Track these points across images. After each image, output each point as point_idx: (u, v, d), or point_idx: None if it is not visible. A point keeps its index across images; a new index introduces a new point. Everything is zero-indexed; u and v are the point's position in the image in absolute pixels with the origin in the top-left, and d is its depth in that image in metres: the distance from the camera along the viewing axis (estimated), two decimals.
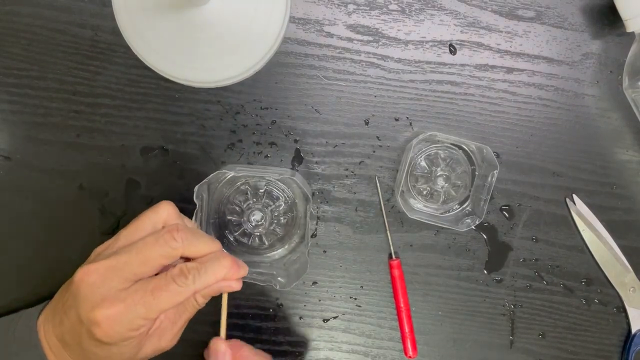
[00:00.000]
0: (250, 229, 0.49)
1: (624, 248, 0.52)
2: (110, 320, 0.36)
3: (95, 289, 0.37)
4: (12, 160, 0.49)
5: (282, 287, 0.47)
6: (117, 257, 0.37)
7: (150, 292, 0.37)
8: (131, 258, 0.37)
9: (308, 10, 0.49)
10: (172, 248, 0.38)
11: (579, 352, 0.52)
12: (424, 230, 0.51)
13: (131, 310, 0.36)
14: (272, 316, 0.51)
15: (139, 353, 0.39)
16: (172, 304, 0.37)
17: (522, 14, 0.50)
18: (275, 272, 0.48)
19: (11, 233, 0.50)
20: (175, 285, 0.37)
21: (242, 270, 0.40)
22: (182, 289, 0.37)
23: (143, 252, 0.38)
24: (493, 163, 0.48)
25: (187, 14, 0.43)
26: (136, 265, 0.37)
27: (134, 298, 0.36)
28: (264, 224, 0.49)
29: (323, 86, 0.50)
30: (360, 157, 0.51)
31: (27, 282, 0.50)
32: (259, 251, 0.50)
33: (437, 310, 0.52)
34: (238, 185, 0.49)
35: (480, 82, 0.50)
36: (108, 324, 0.36)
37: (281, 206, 0.50)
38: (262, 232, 0.50)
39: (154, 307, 0.37)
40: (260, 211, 0.49)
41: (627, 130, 0.52)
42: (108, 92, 0.49)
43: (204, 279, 0.38)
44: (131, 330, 0.37)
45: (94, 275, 0.37)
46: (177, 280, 0.37)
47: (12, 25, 0.48)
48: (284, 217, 0.50)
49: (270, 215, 0.49)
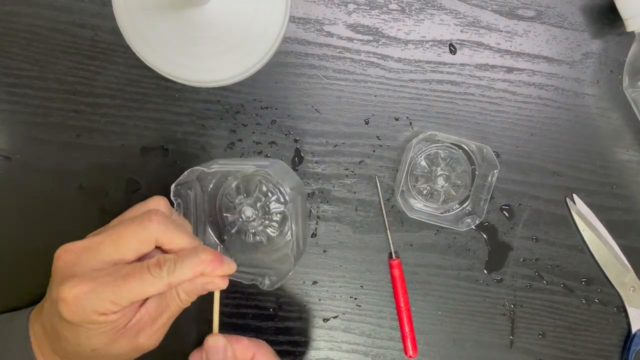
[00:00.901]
0: (244, 226, 0.49)
1: (624, 248, 0.52)
2: (75, 298, 0.35)
3: (70, 266, 0.36)
4: (12, 160, 0.49)
5: (267, 287, 0.45)
6: (94, 238, 0.37)
7: (122, 277, 0.35)
8: (106, 239, 0.37)
9: (308, 9, 0.49)
10: (146, 229, 0.37)
11: (579, 352, 0.52)
12: (424, 229, 0.51)
13: (99, 291, 0.35)
14: (272, 316, 0.51)
15: (114, 347, 0.37)
16: (144, 293, 0.36)
17: (522, 13, 0.50)
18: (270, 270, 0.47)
19: (11, 233, 0.50)
20: (149, 275, 0.36)
21: (226, 266, 0.39)
22: (155, 280, 0.36)
23: (117, 232, 0.37)
24: (493, 163, 0.48)
25: (187, 13, 0.43)
26: (110, 246, 0.36)
27: (104, 280, 0.35)
28: (256, 220, 0.48)
29: (323, 86, 0.50)
30: (360, 157, 0.51)
31: (27, 282, 0.50)
32: (258, 248, 0.50)
33: (437, 310, 0.52)
34: (230, 181, 0.49)
35: (480, 82, 0.50)
36: (73, 300, 0.35)
37: (273, 202, 0.49)
38: (256, 228, 0.49)
39: (124, 292, 0.35)
40: (252, 207, 0.48)
41: (627, 130, 0.52)
42: (108, 92, 0.49)
43: (179, 272, 0.36)
44: (97, 313, 0.35)
45: (70, 254, 0.37)
46: (151, 269, 0.36)
47: (12, 25, 0.48)
48: (277, 214, 0.49)
49: (262, 211, 0.48)
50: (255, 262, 0.49)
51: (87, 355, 0.38)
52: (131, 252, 0.37)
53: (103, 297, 0.35)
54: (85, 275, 0.35)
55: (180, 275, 0.36)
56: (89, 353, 0.38)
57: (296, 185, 0.47)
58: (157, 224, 0.37)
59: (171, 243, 0.38)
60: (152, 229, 0.37)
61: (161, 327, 0.39)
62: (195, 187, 0.47)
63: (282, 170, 0.47)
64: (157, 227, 0.37)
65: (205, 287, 0.39)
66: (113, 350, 0.38)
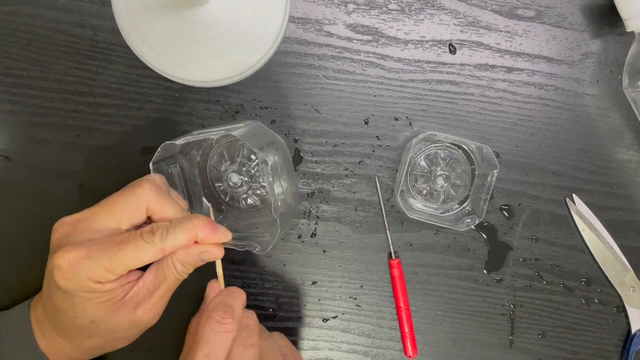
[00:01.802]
0: (234, 193, 0.48)
1: (624, 248, 0.52)
2: (69, 264, 0.35)
3: (65, 237, 0.37)
4: (12, 160, 0.50)
5: (259, 252, 0.44)
6: (88, 209, 0.38)
7: (116, 244, 0.36)
8: (100, 209, 0.38)
9: (308, 9, 0.49)
10: (136, 195, 0.37)
11: (579, 352, 0.52)
12: (423, 229, 0.51)
13: (93, 257, 0.35)
14: (272, 316, 0.51)
15: (112, 320, 0.38)
16: (137, 259, 0.36)
17: (522, 13, 0.50)
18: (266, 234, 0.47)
19: (11, 233, 0.50)
20: (142, 241, 0.36)
21: (221, 234, 0.38)
22: (148, 246, 0.36)
23: (110, 201, 0.38)
24: (493, 162, 0.48)
25: (187, 14, 0.43)
26: (104, 215, 0.37)
27: (98, 247, 0.36)
28: (244, 185, 0.48)
29: (323, 86, 0.50)
30: (359, 157, 0.51)
31: (27, 282, 0.50)
32: (255, 213, 0.49)
33: (437, 310, 0.52)
34: (215, 149, 0.49)
35: (480, 82, 0.50)
36: (67, 267, 0.35)
37: (256, 164, 0.48)
38: (247, 193, 0.49)
39: (117, 259, 0.35)
40: (237, 172, 0.48)
41: (627, 130, 0.52)
42: (108, 92, 0.49)
43: (172, 237, 0.37)
44: (91, 280, 0.35)
45: (66, 226, 0.37)
46: (144, 236, 0.36)
47: (12, 25, 0.48)
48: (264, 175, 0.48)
49: (247, 175, 0.48)
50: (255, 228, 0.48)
51: (86, 328, 0.38)
52: (125, 221, 0.38)
53: (97, 263, 0.35)
54: (80, 243, 0.36)
55: (173, 240, 0.37)
56: (88, 325, 0.38)
57: (271, 142, 0.46)
58: (148, 190, 0.38)
59: (162, 211, 0.38)
60: (143, 196, 0.38)
61: (159, 300, 0.39)
62: (181, 161, 0.47)
63: (254, 130, 0.46)
64: (149, 193, 0.38)
65: (201, 257, 0.39)
66: (112, 324, 0.38)
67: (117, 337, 0.40)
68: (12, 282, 0.50)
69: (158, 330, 0.42)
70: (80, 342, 0.40)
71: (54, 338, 0.40)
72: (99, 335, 0.39)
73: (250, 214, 0.49)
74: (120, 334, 0.39)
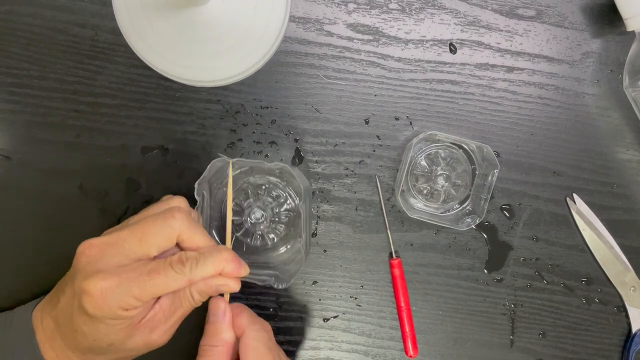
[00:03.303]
0: (251, 228, 0.49)
1: (624, 247, 0.52)
2: (102, 292, 0.35)
3: (94, 262, 0.37)
4: (12, 160, 0.49)
5: (281, 285, 0.46)
6: (117, 234, 0.38)
7: (147, 273, 0.36)
8: (130, 235, 0.37)
9: (308, 9, 0.49)
10: (170, 226, 0.38)
11: (579, 352, 0.52)
12: (424, 229, 0.51)
13: (124, 286, 0.35)
14: (272, 316, 0.51)
15: (128, 342, 0.38)
16: (166, 289, 0.37)
17: (522, 12, 0.50)
18: (278, 272, 0.48)
19: (11, 233, 0.50)
20: (172, 271, 0.37)
21: (243, 269, 0.40)
22: (179, 276, 0.37)
23: (141, 229, 0.38)
24: (493, 162, 0.48)
25: (187, 13, 0.43)
26: (134, 242, 0.37)
27: (129, 275, 0.36)
28: (264, 222, 0.49)
29: (323, 85, 0.50)
30: (360, 157, 0.51)
31: (27, 282, 0.50)
32: (262, 251, 0.50)
33: (438, 310, 0.52)
34: (239, 185, 0.49)
35: (481, 81, 0.50)
36: (99, 295, 0.35)
37: (282, 204, 0.50)
38: (263, 231, 0.49)
39: (148, 288, 0.36)
40: (261, 209, 0.49)
41: (628, 130, 0.52)
42: (108, 92, 0.49)
43: (201, 268, 0.37)
44: (121, 309, 0.36)
45: (94, 249, 0.37)
46: (174, 266, 0.37)
47: (12, 24, 0.48)
48: (285, 215, 0.50)
49: (270, 213, 0.49)
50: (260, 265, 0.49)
51: (103, 350, 0.39)
52: (154, 248, 0.38)
53: (128, 292, 0.36)
54: (111, 271, 0.36)
55: (202, 272, 0.38)
56: (105, 348, 0.38)
57: (306, 187, 0.48)
58: (180, 220, 0.38)
59: (192, 241, 0.39)
60: (176, 226, 0.38)
61: (173, 325, 0.40)
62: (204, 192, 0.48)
63: (294, 171, 0.48)
64: (181, 223, 0.38)
65: (219, 289, 0.39)
66: (128, 345, 0.39)
67: (129, 355, 0.41)
68: (12, 282, 0.50)
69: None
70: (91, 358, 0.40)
71: (63, 352, 0.40)
72: (113, 354, 0.40)
73: (256, 251, 0.50)
74: (133, 353, 0.40)
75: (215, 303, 0.41)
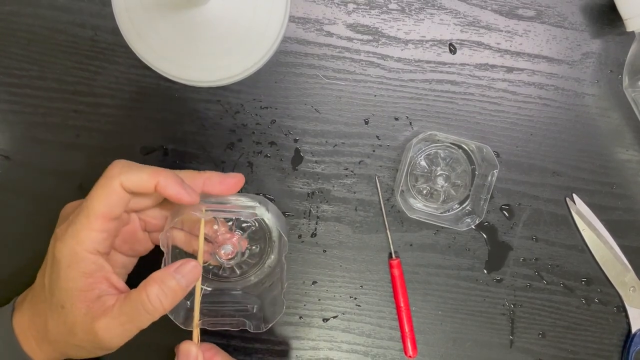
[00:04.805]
0: (221, 262, 0.47)
1: (624, 247, 0.52)
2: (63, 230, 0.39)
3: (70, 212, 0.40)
4: (12, 160, 0.50)
5: (257, 329, 0.44)
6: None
7: None
8: (87, 200, 0.39)
9: (308, 9, 0.49)
10: (108, 178, 0.38)
11: (579, 352, 0.52)
12: (423, 229, 0.51)
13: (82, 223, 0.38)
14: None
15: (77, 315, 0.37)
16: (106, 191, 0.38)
17: (522, 13, 0.50)
18: (249, 302, 0.46)
19: (11, 233, 0.50)
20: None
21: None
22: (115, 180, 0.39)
23: (91, 194, 0.39)
24: (493, 162, 0.48)
25: (187, 13, 0.43)
26: (93, 203, 0.38)
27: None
28: (236, 257, 0.47)
29: (323, 85, 0.50)
30: (360, 157, 0.51)
31: (27, 282, 0.50)
32: (231, 280, 0.49)
33: (437, 310, 0.52)
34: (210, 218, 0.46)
35: (480, 82, 0.50)
36: (62, 233, 0.39)
37: (252, 236, 0.48)
38: (233, 264, 0.48)
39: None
40: (230, 243, 0.46)
41: (627, 130, 0.52)
42: (108, 92, 0.49)
43: (136, 172, 0.39)
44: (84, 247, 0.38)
45: (70, 207, 0.43)
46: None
47: (12, 25, 0.48)
48: (255, 245, 0.48)
49: (240, 249, 0.47)
50: (234, 295, 0.48)
51: (57, 313, 0.38)
52: (108, 209, 0.38)
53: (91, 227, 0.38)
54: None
55: (134, 177, 0.38)
56: (59, 311, 0.38)
57: (283, 225, 0.45)
58: (120, 167, 0.39)
59: (138, 181, 0.38)
60: (115, 175, 0.38)
61: (124, 326, 0.37)
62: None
63: (275, 212, 0.45)
64: (121, 170, 0.38)
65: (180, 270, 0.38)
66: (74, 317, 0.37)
67: (73, 344, 0.39)
68: (12, 282, 0.50)
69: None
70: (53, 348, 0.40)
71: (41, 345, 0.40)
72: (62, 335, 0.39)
73: (226, 281, 0.49)
74: (77, 341, 0.38)
75: (186, 348, 0.39)
